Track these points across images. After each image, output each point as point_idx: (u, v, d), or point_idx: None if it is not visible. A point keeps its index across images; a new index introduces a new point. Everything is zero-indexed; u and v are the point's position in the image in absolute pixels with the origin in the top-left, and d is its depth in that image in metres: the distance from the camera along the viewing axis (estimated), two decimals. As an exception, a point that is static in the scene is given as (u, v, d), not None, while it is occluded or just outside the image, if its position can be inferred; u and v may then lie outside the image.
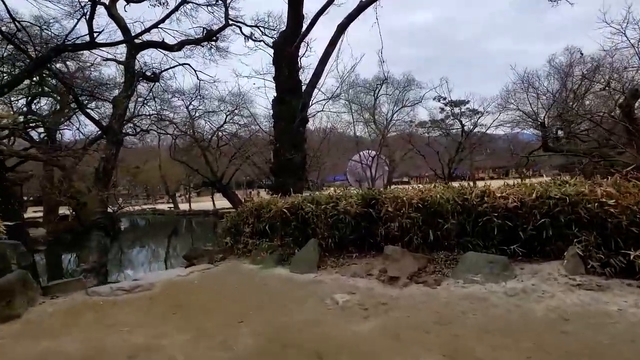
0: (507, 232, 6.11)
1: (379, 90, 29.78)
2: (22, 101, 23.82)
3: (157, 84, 20.61)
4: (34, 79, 18.61)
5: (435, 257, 6.32)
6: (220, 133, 25.64)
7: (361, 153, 27.21)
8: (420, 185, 7.73)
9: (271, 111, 12.71)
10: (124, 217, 37.31)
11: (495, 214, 6.07)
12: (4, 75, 15.31)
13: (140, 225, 41.11)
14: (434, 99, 35.99)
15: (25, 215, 34.46)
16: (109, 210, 13.21)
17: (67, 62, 21.74)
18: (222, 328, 4.57)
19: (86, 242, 11.86)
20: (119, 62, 15.94)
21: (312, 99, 11.84)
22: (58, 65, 20.23)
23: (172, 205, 45.27)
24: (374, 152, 26.65)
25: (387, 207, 6.74)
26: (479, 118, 32.86)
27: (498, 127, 32.31)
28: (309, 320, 4.68)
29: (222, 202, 33.31)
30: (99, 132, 19.44)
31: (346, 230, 7.14)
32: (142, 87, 21.42)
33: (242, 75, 41.87)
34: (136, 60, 15.31)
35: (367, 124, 31.43)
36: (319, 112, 14.30)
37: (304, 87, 11.57)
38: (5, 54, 15.94)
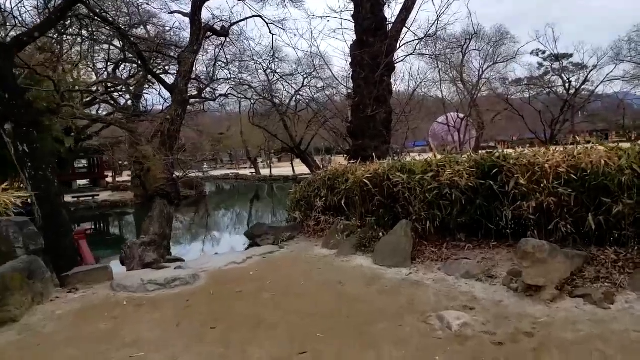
0: None
1: (468, 46, 26.01)
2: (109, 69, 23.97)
3: (235, 47, 19.28)
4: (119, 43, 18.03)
5: (597, 255, 4.17)
6: (298, 97, 24.21)
7: (448, 115, 24.43)
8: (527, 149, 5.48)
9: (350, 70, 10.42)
10: (208, 182, 38.83)
11: None
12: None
13: (224, 189, 42.49)
14: (531, 53, 31.36)
15: (119, 179, 36.63)
16: (174, 176, 12.21)
17: (148, 27, 21.24)
18: (274, 366, 2.95)
19: (149, 210, 11.00)
20: (184, 14, 14.70)
21: (400, 40, 9.58)
22: (138, 31, 19.73)
23: (253, 171, 45.81)
24: (462, 115, 23.77)
25: (518, 178, 4.63)
26: (589, 72, 27.82)
27: (607, 86, 27.59)
28: (411, 365, 2.90)
29: (301, 168, 32.72)
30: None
31: (452, 210, 5.16)
32: (221, 52, 20.41)
33: (314, 15, 37.52)
34: (202, 16, 13.96)
35: (454, 82, 28.04)
36: (409, 55, 11.68)
37: (389, 27, 9.36)
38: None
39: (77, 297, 4.51)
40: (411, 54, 11.78)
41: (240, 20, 16.90)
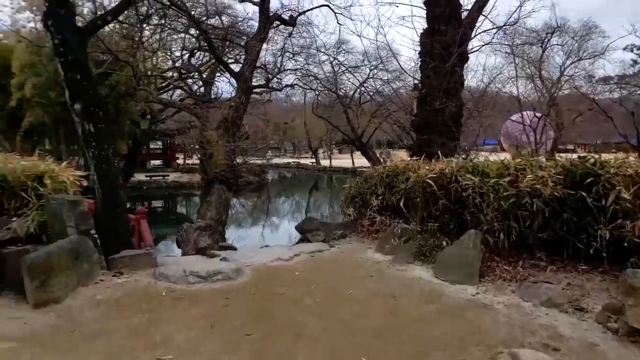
0: None
1: (549, 40, 23.66)
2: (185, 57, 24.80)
3: (303, 38, 19.12)
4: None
5: None
6: (362, 89, 23.59)
7: (523, 113, 22.61)
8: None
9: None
10: (271, 169, 39.80)
11: None
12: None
13: (286, 177, 43.52)
14: (625, 49, 28.18)
15: (189, 162, 38.27)
16: (235, 162, 12.22)
17: (222, 17, 21.65)
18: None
19: (208, 195, 11.08)
20: (253, 3, 14.60)
21: (475, 29, 8.63)
22: (212, 21, 20.14)
23: (314, 161, 46.52)
24: (539, 114, 21.89)
25: (620, 191, 3.80)
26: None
27: None
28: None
29: (361, 161, 32.38)
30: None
31: (532, 223, 4.40)
32: (289, 42, 20.35)
33: (382, 2, 35.30)
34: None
35: (532, 79, 25.84)
36: (486, 44, 10.49)
37: (464, 14, 8.46)
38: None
39: (119, 283, 4.38)
40: (488, 43, 10.62)
41: (309, 10, 16.58)
